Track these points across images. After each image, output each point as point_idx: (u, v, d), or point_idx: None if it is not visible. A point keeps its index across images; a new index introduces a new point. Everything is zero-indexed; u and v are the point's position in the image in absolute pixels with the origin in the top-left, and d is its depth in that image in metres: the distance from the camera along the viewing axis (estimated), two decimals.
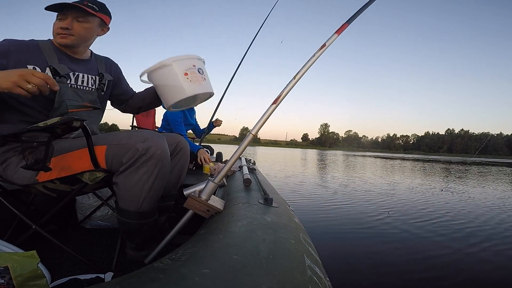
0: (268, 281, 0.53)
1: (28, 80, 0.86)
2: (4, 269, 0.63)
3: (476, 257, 2.24)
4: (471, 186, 7.32)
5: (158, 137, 1.04)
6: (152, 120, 3.81)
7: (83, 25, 1.13)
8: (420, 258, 2.16)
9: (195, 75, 1.18)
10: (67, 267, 1.16)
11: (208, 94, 1.28)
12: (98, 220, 1.65)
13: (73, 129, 0.90)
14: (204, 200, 1.00)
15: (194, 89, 1.17)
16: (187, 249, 0.68)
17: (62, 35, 1.12)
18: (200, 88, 1.19)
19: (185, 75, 1.16)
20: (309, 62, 1.11)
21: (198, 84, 1.18)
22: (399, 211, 3.77)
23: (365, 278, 1.81)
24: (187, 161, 1.34)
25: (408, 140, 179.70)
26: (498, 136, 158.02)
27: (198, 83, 1.18)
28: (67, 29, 1.11)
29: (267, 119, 1.08)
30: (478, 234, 2.87)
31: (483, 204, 4.60)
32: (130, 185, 1.00)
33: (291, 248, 0.71)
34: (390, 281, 1.78)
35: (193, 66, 1.19)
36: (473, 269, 2.02)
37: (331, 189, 5.43)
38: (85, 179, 1.02)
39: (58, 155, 1.01)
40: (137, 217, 1.04)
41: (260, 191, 1.30)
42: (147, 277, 0.53)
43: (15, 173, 1.03)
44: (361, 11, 1.24)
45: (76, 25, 1.12)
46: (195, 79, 1.17)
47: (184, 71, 1.16)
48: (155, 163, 1.00)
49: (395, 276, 1.85)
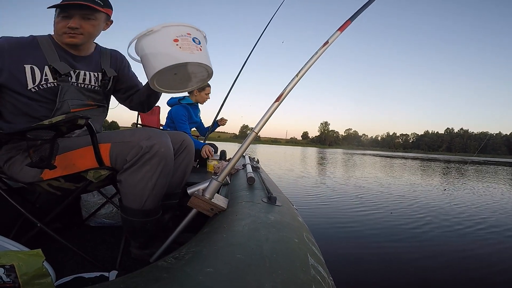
0: (271, 280, 0.53)
1: None
2: (10, 268, 0.64)
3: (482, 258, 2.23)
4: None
5: (161, 134, 1.04)
6: (156, 117, 3.81)
7: (91, 23, 1.09)
8: (424, 257, 2.15)
9: (187, 42, 1.00)
10: (72, 265, 1.17)
11: (204, 70, 1.09)
12: (102, 218, 1.66)
13: (78, 127, 0.90)
14: (207, 199, 1.00)
15: (183, 57, 0.98)
16: (191, 247, 0.68)
17: (71, 34, 1.07)
18: (192, 57, 0.99)
19: (175, 41, 0.98)
20: (311, 60, 1.10)
21: (189, 53, 0.99)
22: (401, 210, 3.76)
23: (369, 277, 1.81)
24: (192, 159, 1.33)
25: (408, 139, 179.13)
26: (497, 136, 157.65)
27: (190, 51, 0.99)
28: (76, 28, 1.06)
29: (270, 116, 1.07)
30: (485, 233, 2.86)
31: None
32: (134, 183, 1.00)
33: (295, 247, 0.71)
34: (394, 280, 1.77)
35: (188, 34, 1.01)
36: (481, 269, 2.00)
37: (334, 188, 5.42)
38: (90, 177, 1.03)
39: (62, 153, 1.01)
40: (140, 215, 1.04)
41: (263, 190, 1.30)
42: (151, 276, 0.53)
43: (20, 171, 1.04)
44: (363, 8, 1.23)
45: (85, 24, 1.07)
46: (187, 47, 0.99)
47: (175, 37, 0.98)
48: (158, 161, 1.00)
49: (399, 275, 1.84)
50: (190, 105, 2.93)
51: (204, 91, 2.97)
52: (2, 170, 1.08)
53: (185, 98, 2.93)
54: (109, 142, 1.03)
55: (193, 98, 2.96)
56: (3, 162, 1.06)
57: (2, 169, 1.08)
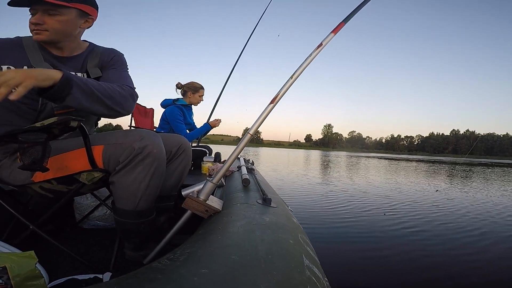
0: (266, 281, 0.53)
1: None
2: (2, 269, 0.63)
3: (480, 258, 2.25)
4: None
5: (153, 135, 1.04)
6: (150, 120, 3.80)
7: (56, 18, 1.03)
8: (418, 258, 2.17)
9: None
10: (65, 267, 1.15)
11: None
12: (96, 220, 1.65)
13: (71, 129, 0.89)
14: (202, 201, 1.00)
15: None
16: (186, 249, 0.68)
17: (36, 31, 1.03)
18: None
19: None
20: (306, 62, 1.11)
21: None
22: (399, 212, 3.79)
23: (363, 278, 1.82)
24: (189, 162, 1.33)
25: (413, 141, 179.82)
26: (504, 137, 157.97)
27: None
28: (38, 24, 1.01)
29: (265, 118, 1.08)
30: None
31: None
32: (127, 184, 1.00)
33: (290, 248, 0.71)
34: (388, 281, 1.78)
35: None
36: (478, 270, 2.02)
37: (334, 190, 5.44)
38: (83, 180, 1.02)
39: (54, 155, 1.00)
40: (134, 217, 1.03)
41: (258, 191, 1.30)
42: (146, 277, 0.53)
43: (10, 174, 1.02)
44: (357, 9, 1.24)
45: (48, 19, 1.02)
46: None
47: None
48: (151, 162, 1.00)
49: (393, 276, 1.86)
50: (184, 107, 2.93)
51: (198, 93, 2.98)
52: None
53: (179, 100, 2.94)
54: (102, 144, 1.02)
55: (187, 100, 2.97)
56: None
57: None
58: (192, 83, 3.00)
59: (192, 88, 2.97)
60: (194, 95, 2.97)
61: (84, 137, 0.96)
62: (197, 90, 2.98)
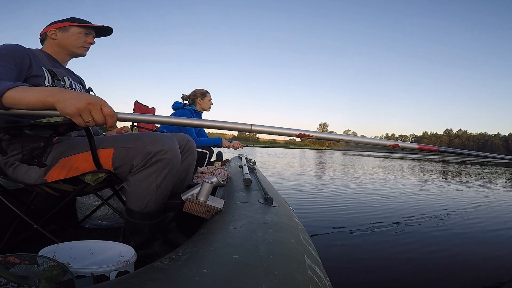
0: (268, 281, 0.53)
1: (92, 112, 0.77)
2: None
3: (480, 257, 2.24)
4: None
5: (167, 138, 1.03)
6: None
7: None
8: (420, 259, 2.16)
9: None
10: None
11: None
12: (98, 220, 1.65)
13: (76, 129, 0.89)
14: (202, 202, 1.00)
15: None
16: (188, 248, 0.68)
17: (86, 48, 1.30)
18: None
19: None
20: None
21: None
22: (399, 211, 3.78)
23: (365, 278, 1.81)
24: (195, 160, 1.36)
25: (407, 140, 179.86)
26: (496, 137, 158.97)
27: None
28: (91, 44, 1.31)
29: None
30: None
31: None
32: (137, 183, 1.00)
33: (291, 247, 0.71)
34: (390, 281, 1.78)
35: None
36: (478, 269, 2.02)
37: (331, 189, 5.44)
38: (87, 180, 1.03)
39: (67, 156, 1.02)
40: (140, 217, 1.04)
41: (260, 191, 1.30)
42: (148, 277, 0.53)
43: (26, 172, 1.03)
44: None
45: None
46: None
47: None
48: (165, 164, 1.00)
49: (395, 276, 1.85)
50: (195, 112, 2.95)
51: (206, 97, 3.02)
52: (3, 172, 1.07)
53: (191, 105, 2.96)
54: (112, 147, 1.03)
55: (198, 107, 3.00)
56: (8, 165, 1.05)
57: (3, 171, 1.07)
58: (197, 90, 3.03)
59: (199, 94, 3.00)
60: (203, 100, 3.00)
61: (89, 138, 0.96)
62: (204, 94, 3.01)
